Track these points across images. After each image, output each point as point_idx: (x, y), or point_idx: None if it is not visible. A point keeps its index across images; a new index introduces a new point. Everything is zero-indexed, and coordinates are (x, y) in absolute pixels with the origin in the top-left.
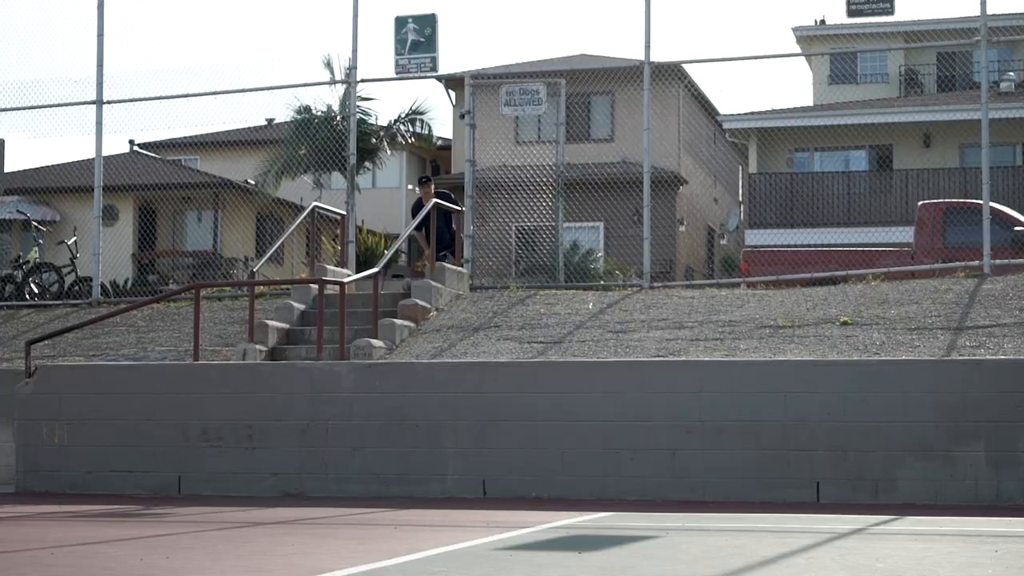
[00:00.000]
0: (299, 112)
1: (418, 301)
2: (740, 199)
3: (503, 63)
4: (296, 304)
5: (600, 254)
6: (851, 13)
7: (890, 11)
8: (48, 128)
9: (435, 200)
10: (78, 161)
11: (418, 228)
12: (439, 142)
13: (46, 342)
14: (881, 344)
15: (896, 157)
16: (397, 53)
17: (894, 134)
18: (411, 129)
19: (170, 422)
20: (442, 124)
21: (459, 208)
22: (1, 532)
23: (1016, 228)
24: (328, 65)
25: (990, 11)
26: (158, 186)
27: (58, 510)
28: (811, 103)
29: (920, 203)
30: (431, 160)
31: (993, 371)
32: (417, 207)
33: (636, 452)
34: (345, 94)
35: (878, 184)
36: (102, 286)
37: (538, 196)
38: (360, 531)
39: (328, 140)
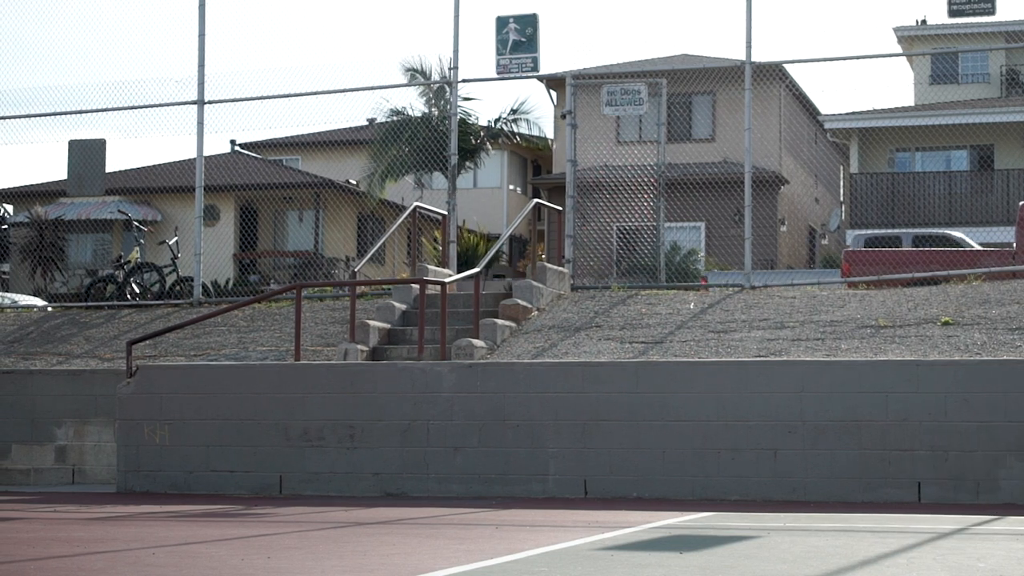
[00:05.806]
0: (392, 115)
1: (519, 301)
2: (841, 199)
3: (604, 63)
4: (397, 304)
5: (701, 254)
6: (952, 13)
7: (991, 11)
8: (148, 128)
9: None
10: (179, 161)
11: None
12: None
13: (147, 342)
14: (983, 344)
15: (997, 157)
16: (498, 53)
17: (995, 134)
18: (513, 128)
19: (271, 422)
20: (543, 123)
21: None
22: (103, 532)
23: None
24: (421, 70)
25: None
26: (259, 186)
27: (159, 510)
28: (912, 103)
29: (1021, 203)
30: (532, 160)
31: None
32: None
33: (737, 452)
34: (446, 94)
35: (979, 184)
36: (203, 286)
37: (639, 196)
38: (461, 531)
39: (428, 140)
